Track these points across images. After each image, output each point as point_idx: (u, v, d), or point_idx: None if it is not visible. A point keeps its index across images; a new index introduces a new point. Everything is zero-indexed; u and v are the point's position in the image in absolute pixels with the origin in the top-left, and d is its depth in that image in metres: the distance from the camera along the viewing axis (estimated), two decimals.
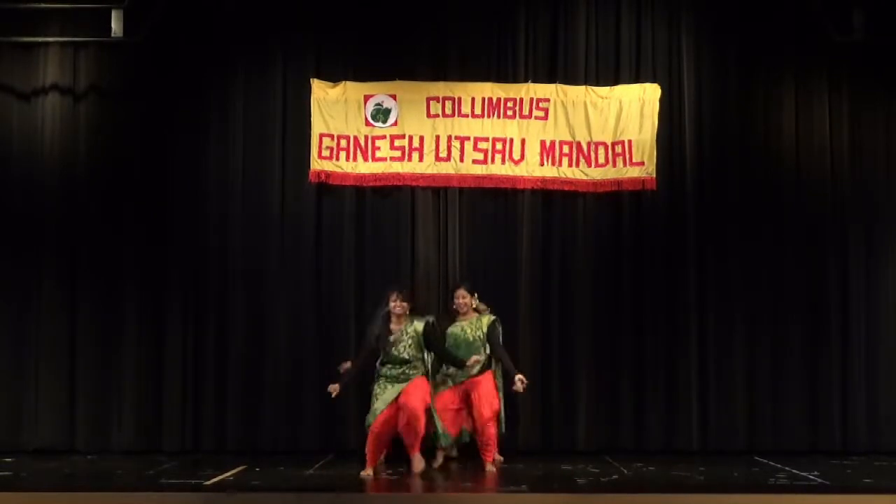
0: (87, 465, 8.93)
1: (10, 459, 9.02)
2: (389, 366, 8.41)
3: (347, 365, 8.71)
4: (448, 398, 8.70)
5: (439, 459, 8.70)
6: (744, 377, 9.78)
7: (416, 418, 8.22)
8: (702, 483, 8.07)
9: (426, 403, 8.34)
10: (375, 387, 8.44)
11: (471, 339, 8.79)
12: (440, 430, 8.49)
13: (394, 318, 8.47)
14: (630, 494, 7.64)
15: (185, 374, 9.66)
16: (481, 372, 8.73)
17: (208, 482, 7.78)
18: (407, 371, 8.37)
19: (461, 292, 8.93)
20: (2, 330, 9.68)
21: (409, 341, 8.40)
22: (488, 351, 8.80)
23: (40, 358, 9.62)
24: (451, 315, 9.00)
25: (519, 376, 8.57)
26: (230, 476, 8.14)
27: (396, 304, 8.45)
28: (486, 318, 8.88)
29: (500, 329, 8.93)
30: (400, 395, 8.27)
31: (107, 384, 9.63)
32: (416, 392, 8.29)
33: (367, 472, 8.16)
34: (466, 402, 8.73)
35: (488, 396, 8.66)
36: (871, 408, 9.78)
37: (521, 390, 8.61)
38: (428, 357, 8.55)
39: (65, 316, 9.66)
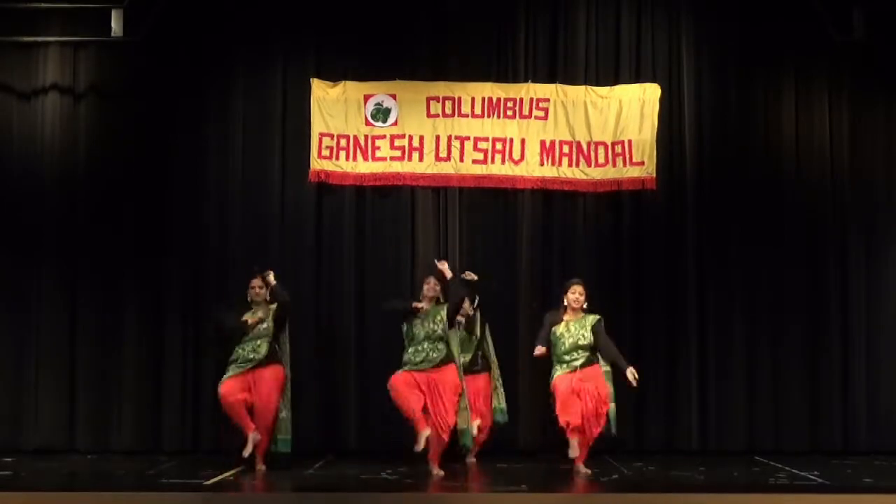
0: (87, 465, 8.92)
1: (10, 459, 9.01)
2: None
3: None
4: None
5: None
6: (744, 377, 9.78)
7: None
8: (702, 483, 8.06)
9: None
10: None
11: (581, 337, 8.32)
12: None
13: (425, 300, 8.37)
14: (630, 494, 7.65)
15: (185, 374, 9.66)
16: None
17: (208, 482, 7.77)
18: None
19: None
20: (2, 330, 9.67)
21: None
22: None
23: (40, 358, 9.62)
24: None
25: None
26: (230, 476, 8.14)
27: (430, 287, 8.39)
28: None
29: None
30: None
31: (107, 384, 9.63)
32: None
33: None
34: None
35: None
36: (871, 408, 9.79)
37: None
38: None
39: (65, 316, 9.66)
